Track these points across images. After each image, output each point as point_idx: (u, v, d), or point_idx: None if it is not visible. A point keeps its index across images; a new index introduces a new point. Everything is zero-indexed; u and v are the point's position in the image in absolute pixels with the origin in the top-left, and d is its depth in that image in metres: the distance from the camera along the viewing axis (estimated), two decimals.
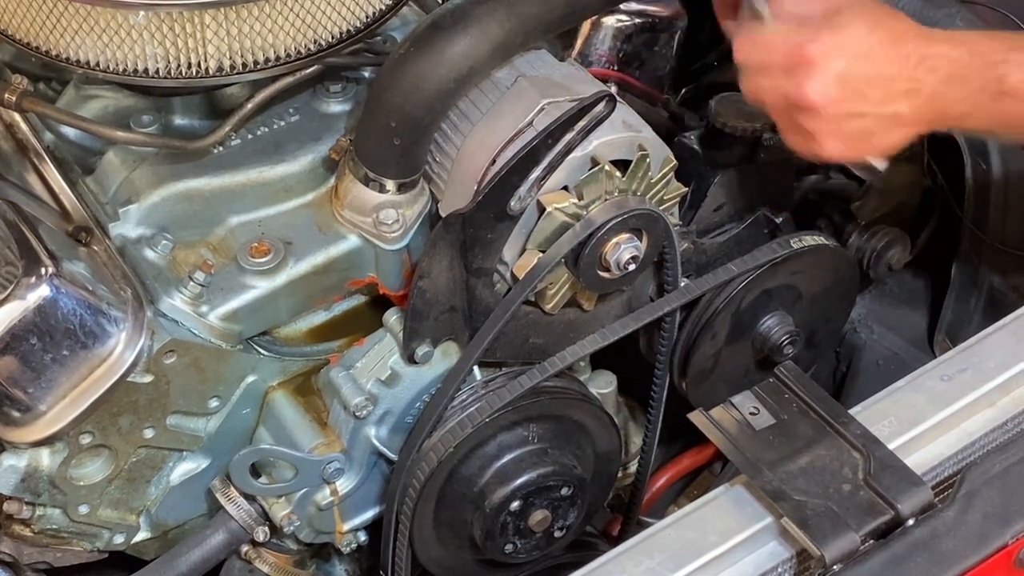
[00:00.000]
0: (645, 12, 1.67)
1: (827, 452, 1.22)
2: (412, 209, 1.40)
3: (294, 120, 1.51)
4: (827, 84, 1.20)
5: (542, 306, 1.43)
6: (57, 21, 1.32)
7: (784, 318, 1.56)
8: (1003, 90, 1.21)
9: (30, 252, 1.30)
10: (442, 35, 1.31)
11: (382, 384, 1.43)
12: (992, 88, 1.22)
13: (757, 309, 1.55)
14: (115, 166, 1.46)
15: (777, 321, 1.56)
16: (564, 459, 1.48)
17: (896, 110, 1.22)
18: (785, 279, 1.54)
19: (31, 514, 1.41)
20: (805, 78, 1.20)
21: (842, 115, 1.22)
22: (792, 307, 1.57)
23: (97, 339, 1.31)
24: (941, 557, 1.15)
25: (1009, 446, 1.25)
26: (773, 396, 1.30)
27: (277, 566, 1.59)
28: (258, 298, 1.39)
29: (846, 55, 1.20)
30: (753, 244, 1.53)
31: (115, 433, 1.39)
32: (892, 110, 1.22)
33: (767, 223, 1.55)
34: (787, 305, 1.56)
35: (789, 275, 1.54)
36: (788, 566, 1.18)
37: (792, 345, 1.55)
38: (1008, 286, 1.77)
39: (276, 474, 1.47)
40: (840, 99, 1.21)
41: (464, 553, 1.53)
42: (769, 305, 1.55)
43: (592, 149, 1.35)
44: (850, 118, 1.22)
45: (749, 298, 1.52)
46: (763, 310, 1.55)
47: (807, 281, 1.56)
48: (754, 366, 1.60)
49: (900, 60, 1.22)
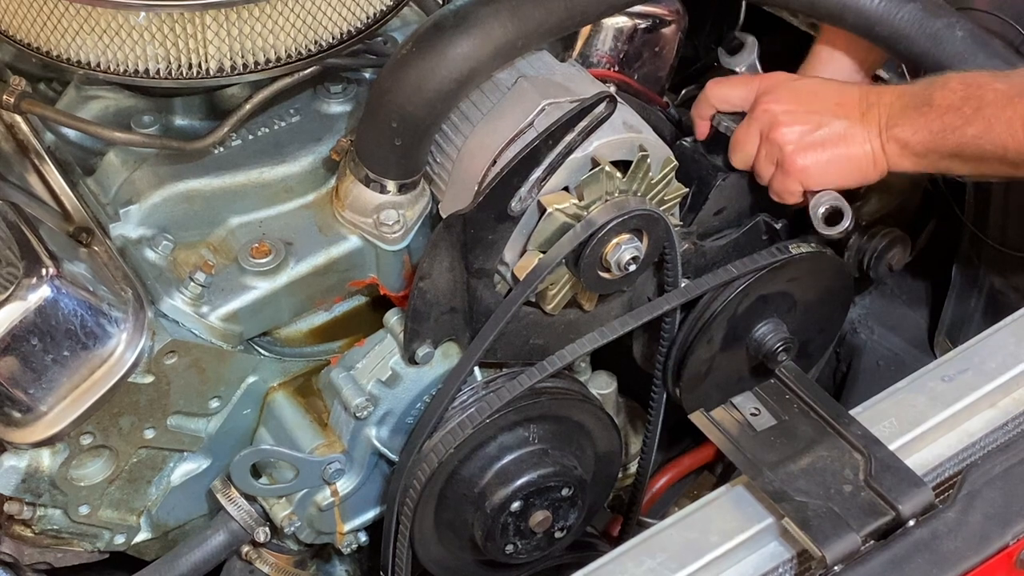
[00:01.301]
0: (645, 12, 1.66)
1: (828, 453, 1.22)
2: (413, 210, 1.40)
3: (295, 121, 1.51)
4: (788, 110, 1.42)
5: (543, 307, 1.43)
6: (58, 22, 1.32)
7: (779, 325, 1.57)
8: (928, 106, 1.36)
9: (31, 253, 1.30)
10: (444, 36, 1.31)
11: (383, 385, 1.43)
12: (921, 108, 1.37)
13: (753, 315, 1.55)
14: (116, 167, 1.46)
15: (772, 328, 1.57)
16: (565, 460, 1.48)
17: (847, 124, 1.40)
18: (781, 286, 1.54)
19: (32, 515, 1.41)
20: (771, 120, 1.43)
21: (805, 129, 1.41)
22: (787, 315, 1.57)
23: (98, 340, 1.31)
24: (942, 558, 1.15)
25: (1010, 447, 1.25)
26: (774, 397, 1.30)
27: (278, 567, 1.60)
28: (259, 299, 1.39)
29: (790, 92, 1.44)
30: (752, 249, 1.54)
31: (116, 434, 1.39)
32: (843, 123, 1.40)
33: (767, 229, 1.55)
34: (782, 312, 1.57)
35: (786, 282, 1.54)
36: (789, 566, 1.18)
37: (786, 352, 1.55)
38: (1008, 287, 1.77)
39: (277, 475, 1.47)
40: (796, 111, 1.42)
41: (465, 554, 1.53)
42: (765, 311, 1.56)
43: (593, 150, 1.35)
44: (810, 129, 1.41)
45: (745, 304, 1.52)
46: (758, 316, 1.56)
47: (803, 289, 1.56)
48: (748, 373, 1.60)
49: (841, 88, 1.44)
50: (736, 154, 1.47)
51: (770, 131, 1.42)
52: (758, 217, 1.54)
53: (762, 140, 1.44)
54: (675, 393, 1.57)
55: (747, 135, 1.46)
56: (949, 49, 1.47)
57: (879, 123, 1.39)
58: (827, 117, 1.41)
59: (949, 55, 1.47)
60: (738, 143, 1.47)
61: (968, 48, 1.47)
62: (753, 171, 1.47)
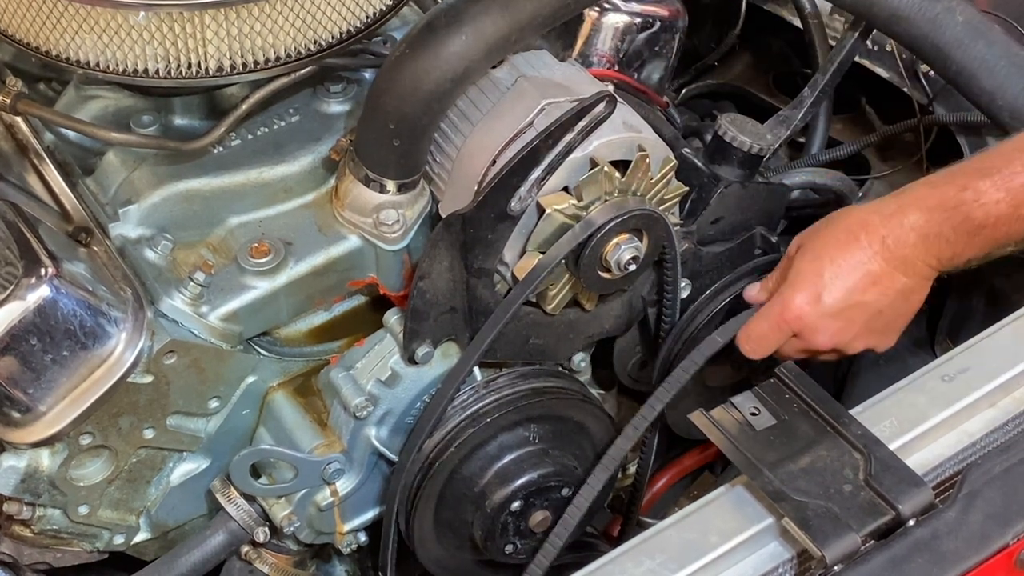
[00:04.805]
0: (645, 12, 1.66)
1: (828, 453, 1.22)
2: (412, 209, 1.40)
3: (294, 120, 1.51)
4: (825, 327, 1.36)
5: (543, 307, 1.43)
6: (57, 21, 1.32)
7: None
8: (975, 227, 1.30)
9: (30, 253, 1.30)
10: (437, 36, 1.31)
11: (382, 385, 1.43)
12: (965, 228, 1.30)
13: None
14: (115, 167, 1.46)
15: None
16: (565, 460, 1.48)
17: (878, 298, 1.35)
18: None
19: (31, 515, 1.41)
20: (808, 337, 1.37)
21: (848, 339, 1.38)
22: None
23: (97, 340, 1.31)
24: (942, 557, 1.15)
25: (1010, 446, 1.25)
26: (774, 396, 1.30)
27: (277, 567, 1.59)
28: (258, 298, 1.39)
29: (817, 291, 1.35)
30: (745, 259, 1.55)
31: (115, 434, 1.39)
32: (876, 297, 1.35)
33: (762, 241, 1.55)
34: None
35: None
36: (789, 566, 1.18)
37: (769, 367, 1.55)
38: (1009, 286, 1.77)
39: (276, 475, 1.47)
40: (839, 329, 1.36)
41: (464, 553, 1.53)
42: None
43: (592, 149, 1.35)
44: (856, 328, 1.37)
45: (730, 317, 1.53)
46: None
47: None
48: (733, 386, 1.60)
49: (864, 253, 1.34)
50: (756, 350, 1.41)
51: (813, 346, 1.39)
52: (755, 229, 1.55)
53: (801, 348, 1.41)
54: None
55: (785, 351, 1.42)
56: (948, 34, 1.47)
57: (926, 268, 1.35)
58: (871, 311, 1.36)
59: (948, 40, 1.47)
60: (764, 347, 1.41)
61: (967, 34, 1.47)
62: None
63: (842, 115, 1.95)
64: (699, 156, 1.51)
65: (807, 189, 1.70)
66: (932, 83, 1.73)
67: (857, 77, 1.76)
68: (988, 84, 1.49)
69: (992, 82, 1.49)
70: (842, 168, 1.76)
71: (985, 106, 1.51)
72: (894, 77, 1.78)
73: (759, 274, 1.52)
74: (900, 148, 1.88)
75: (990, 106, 1.50)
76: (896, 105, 1.81)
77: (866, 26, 1.58)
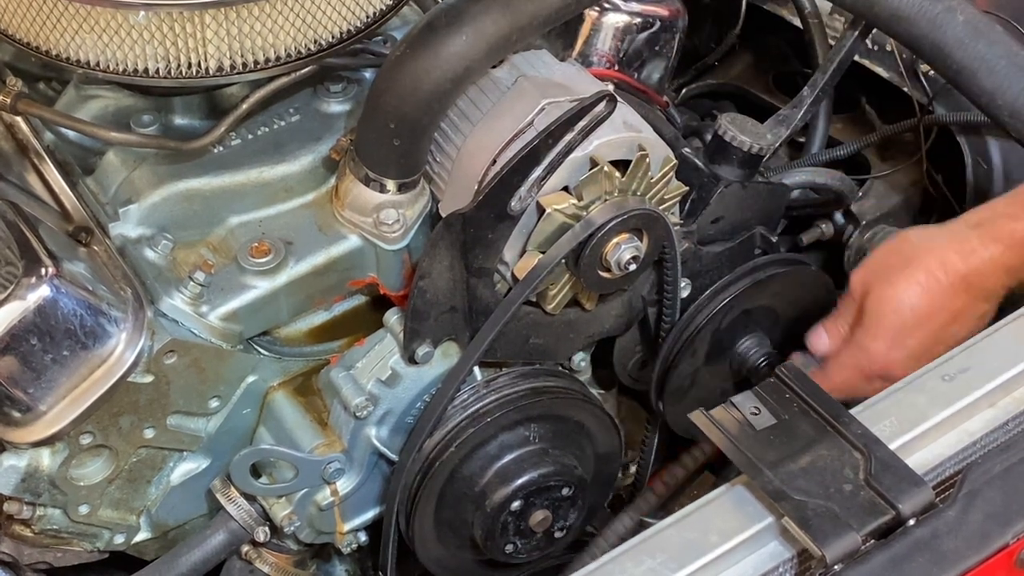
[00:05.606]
0: (645, 12, 1.67)
1: (828, 452, 1.22)
2: (413, 209, 1.40)
3: (294, 120, 1.51)
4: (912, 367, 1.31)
5: (543, 306, 1.43)
6: (57, 21, 1.32)
7: (763, 340, 1.58)
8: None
9: (30, 252, 1.30)
10: (438, 36, 1.31)
11: (383, 384, 1.43)
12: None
13: (736, 329, 1.55)
14: (115, 166, 1.46)
15: (756, 343, 1.57)
16: (565, 459, 1.48)
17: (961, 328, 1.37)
18: (765, 300, 1.55)
19: (31, 514, 1.41)
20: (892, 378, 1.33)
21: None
22: (770, 330, 1.58)
23: (97, 339, 1.31)
24: (942, 557, 1.14)
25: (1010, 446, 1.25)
26: (774, 396, 1.30)
27: (277, 566, 1.59)
28: (258, 298, 1.39)
29: (902, 339, 1.37)
30: (744, 260, 1.55)
31: (115, 433, 1.39)
32: (959, 328, 1.37)
33: (762, 241, 1.55)
34: (765, 327, 1.58)
35: (770, 296, 1.54)
36: (789, 566, 1.18)
37: (770, 367, 1.55)
38: None
39: (277, 474, 1.47)
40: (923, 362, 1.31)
41: (464, 553, 1.53)
42: (748, 326, 1.56)
43: (592, 149, 1.35)
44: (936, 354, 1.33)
45: (729, 317, 1.53)
46: (742, 331, 1.56)
47: (785, 303, 1.57)
48: (731, 388, 1.60)
49: (946, 296, 1.36)
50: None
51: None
52: (755, 230, 1.55)
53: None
54: (658, 407, 1.58)
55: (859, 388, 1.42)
56: (950, 34, 1.47)
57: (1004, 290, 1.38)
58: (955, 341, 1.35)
59: (949, 40, 1.47)
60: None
61: (968, 33, 1.47)
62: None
63: (842, 115, 1.95)
64: (699, 156, 1.51)
65: (807, 189, 1.69)
66: (932, 83, 1.73)
67: (857, 77, 1.76)
68: (988, 83, 1.49)
69: (992, 81, 1.49)
70: (842, 168, 1.76)
71: (985, 106, 1.51)
72: (894, 77, 1.78)
73: (759, 274, 1.52)
74: (900, 148, 1.88)
75: (990, 105, 1.51)
76: (896, 105, 1.81)
77: (866, 25, 1.58)
